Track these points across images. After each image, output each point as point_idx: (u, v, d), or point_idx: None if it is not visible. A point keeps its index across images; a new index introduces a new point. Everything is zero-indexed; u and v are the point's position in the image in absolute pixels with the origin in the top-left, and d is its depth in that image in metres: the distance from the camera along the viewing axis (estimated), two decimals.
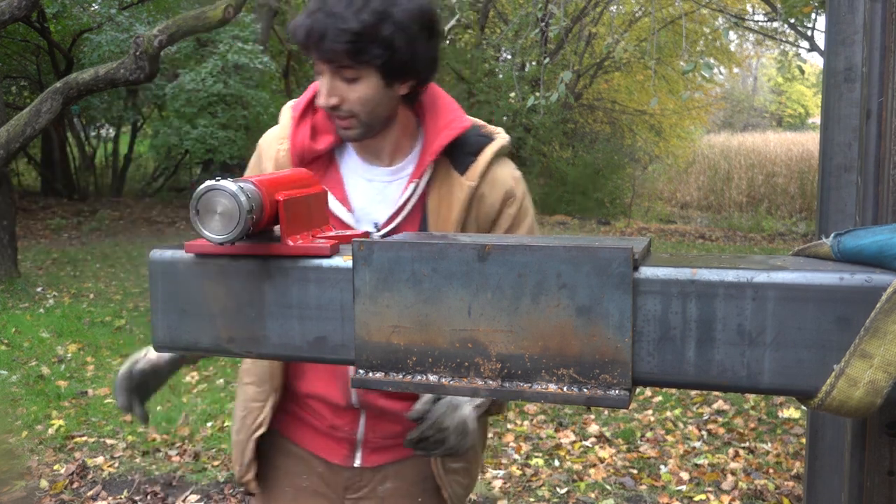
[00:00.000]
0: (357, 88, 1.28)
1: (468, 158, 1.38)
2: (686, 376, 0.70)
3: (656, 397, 4.79)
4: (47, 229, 11.69)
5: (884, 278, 0.65)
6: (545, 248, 0.71)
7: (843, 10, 0.91)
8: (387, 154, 1.39)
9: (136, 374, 1.50)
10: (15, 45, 13.96)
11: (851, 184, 0.94)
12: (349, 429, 1.47)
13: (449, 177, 1.37)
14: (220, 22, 7.71)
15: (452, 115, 1.39)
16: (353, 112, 1.30)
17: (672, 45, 13.14)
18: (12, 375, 5.01)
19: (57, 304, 7.02)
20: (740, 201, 17.07)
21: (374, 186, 1.39)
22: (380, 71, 1.28)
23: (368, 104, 1.29)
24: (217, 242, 0.81)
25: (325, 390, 1.45)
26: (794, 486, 3.55)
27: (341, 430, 1.48)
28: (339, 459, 1.50)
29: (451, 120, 1.38)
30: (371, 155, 1.40)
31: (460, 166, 1.37)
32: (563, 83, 5.51)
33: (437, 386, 0.75)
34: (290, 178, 0.93)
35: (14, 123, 7.12)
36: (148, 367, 1.51)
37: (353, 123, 1.31)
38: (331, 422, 1.48)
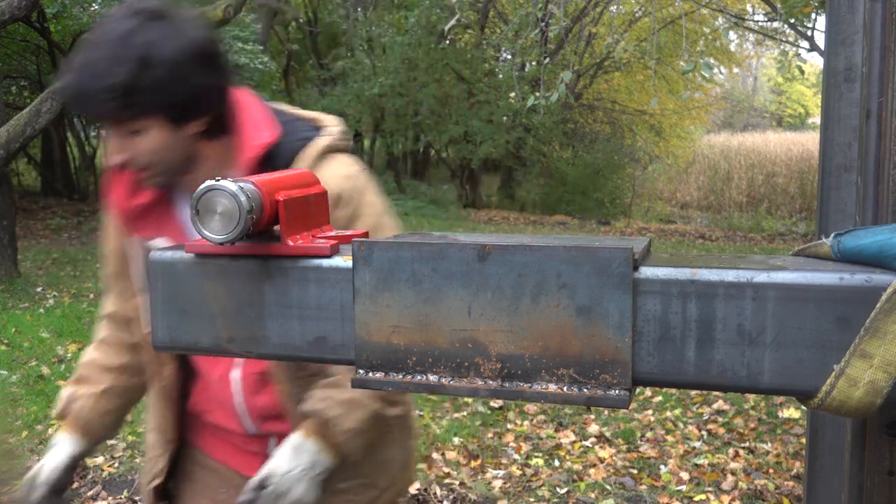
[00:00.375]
0: (143, 140, 1.23)
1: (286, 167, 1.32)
2: (686, 376, 0.70)
3: (656, 397, 4.79)
4: (47, 229, 11.69)
5: (884, 278, 0.65)
6: (545, 248, 0.71)
7: (843, 10, 0.91)
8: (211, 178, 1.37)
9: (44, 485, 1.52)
10: (15, 45, 13.96)
11: (851, 184, 0.94)
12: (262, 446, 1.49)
13: None
14: (220, 22, 7.71)
15: (253, 133, 1.31)
16: (146, 164, 1.26)
17: (672, 45, 13.14)
18: (12, 375, 5.01)
19: (57, 303, 7.03)
20: (740, 201, 17.08)
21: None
22: (162, 117, 1.22)
23: (158, 153, 1.25)
24: (217, 242, 0.81)
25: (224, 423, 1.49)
26: (794, 486, 3.55)
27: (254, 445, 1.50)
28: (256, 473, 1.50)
29: (250, 138, 1.30)
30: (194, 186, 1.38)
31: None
32: (563, 83, 5.51)
33: (437, 386, 0.75)
34: (290, 179, 0.93)
35: (14, 123, 7.12)
36: (53, 475, 1.52)
37: (150, 173, 1.28)
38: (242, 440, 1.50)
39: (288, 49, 16.70)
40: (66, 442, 1.50)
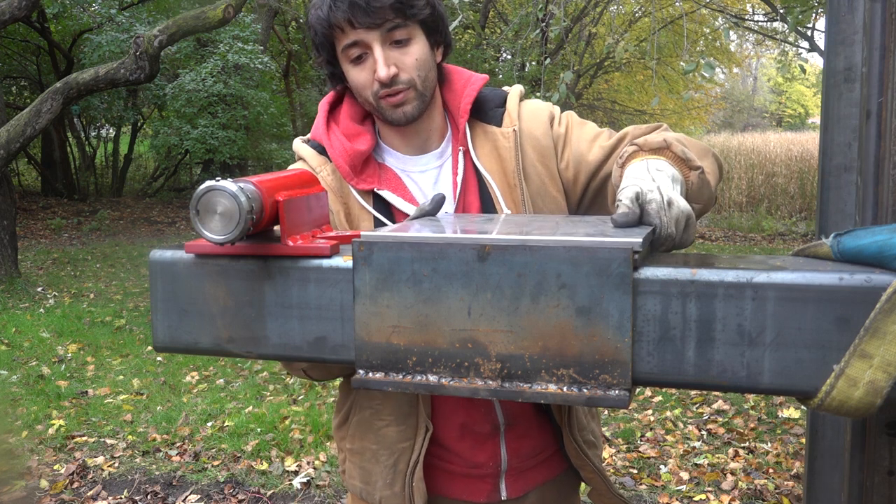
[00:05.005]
0: (410, 51, 1.23)
1: (497, 111, 1.34)
2: (686, 376, 0.70)
3: (656, 397, 4.79)
4: (47, 229, 11.70)
5: (883, 278, 0.65)
6: (545, 248, 0.71)
7: (843, 11, 0.91)
8: (432, 138, 1.35)
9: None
10: (15, 45, 13.97)
11: (851, 184, 0.94)
12: (492, 462, 1.36)
13: (488, 133, 1.33)
14: (220, 22, 7.71)
15: (465, 75, 1.36)
16: (411, 80, 1.24)
17: (672, 45, 13.14)
18: (12, 375, 5.01)
19: (57, 303, 7.03)
20: (740, 201, 17.07)
21: (429, 175, 1.34)
22: (424, 28, 1.25)
23: (423, 66, 1.25)
24: (217, 243, 0.81)
25: (469, 418, 1.33)
26: (794, 486, 3.55)
27: (484, 466, 1.36)
28: (484, 497, 1.38)
29: (467, 79, 1.35)
30: (413, 147, 1.34)
31: (494, 120, 1.34)
32: (563, 83, 5.51)
33: (437, 386, 0.75)
34: (290, 179, 0.93)
35: (14, 123, 7.12)
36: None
37: (409, 96, 1.25)
38: (471, 461, 1.35)
39: (288, 49, 16.69)
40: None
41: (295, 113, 15.90)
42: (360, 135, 1.33)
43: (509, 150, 1.30)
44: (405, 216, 1.28)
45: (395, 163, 1.35)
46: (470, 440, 1.34)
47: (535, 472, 1.41)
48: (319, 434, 4.03)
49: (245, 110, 12.33)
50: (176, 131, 12.20)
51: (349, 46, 1.22)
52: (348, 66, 1.25)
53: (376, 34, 1.21)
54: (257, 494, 3.46)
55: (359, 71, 1.24)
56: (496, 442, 1.35)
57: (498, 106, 1.34)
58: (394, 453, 1.32)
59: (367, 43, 1.21)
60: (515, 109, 1.33)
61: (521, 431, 1.37)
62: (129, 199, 14.93)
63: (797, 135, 22.80)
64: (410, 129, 1.32)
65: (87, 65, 10.79)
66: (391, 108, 1.25)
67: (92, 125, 16.01)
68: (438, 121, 1.34)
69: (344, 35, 1.22)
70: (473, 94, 1.33)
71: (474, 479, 1.38)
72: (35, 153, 14.69)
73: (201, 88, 11.44)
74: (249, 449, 3.89)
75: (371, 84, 1.24)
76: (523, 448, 1.38)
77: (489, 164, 1.31)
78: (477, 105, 1.34)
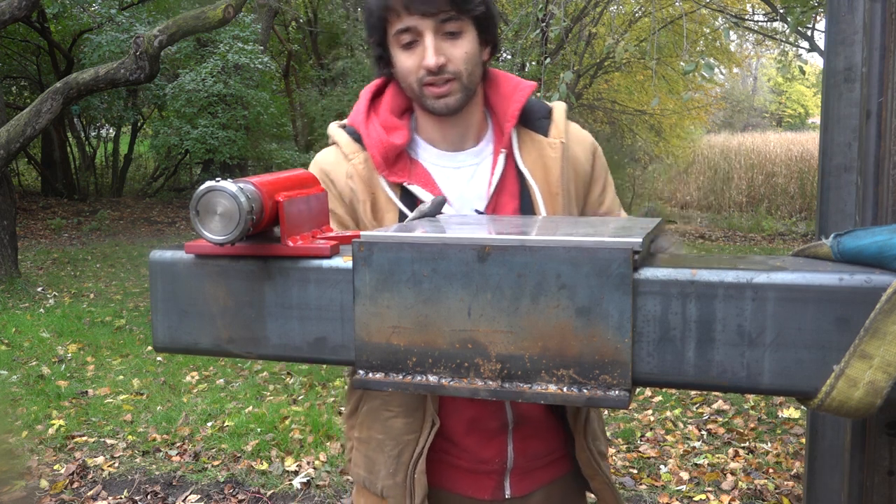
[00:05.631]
0: (460, 44, 1.25)
1: (544, 121, 1.37)
2: (686, 377, 0.70)
3: (656, 397, 4.79)
4: (47, 229, 11.70)
5: (883, 279, 0.65)
6: (545, 248, 0.71)
7: (843, 10, 0.91)
8: (469, 136, 1.36)
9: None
10: (15, 45, 13.97)
11: (851, 184, 0.94)
12: (498, 459, 1.36)
13: (535, 141, 1.35)
14: (220, 22, 7.71)
15: (514, 81, 1.38)
16: (457, 72, 1.26)
17: (672, 45, 13.13)
18: (12, 375, 5.01)
19: (57, 303, 7.03)
20: (740, 201, 17.07)
21: (463, 173, 1.35)
22: (476, 25, 1.27)
23: (471, 61, 1.27)
24: (217, 243, 0.81)
25: (478, 413, 1.33)
26: (794, 486, 3.55)
27: (490, 462, 1.36)
28: (488, 494, 1.38)
29: (515, 85, 1.37)
30: (450, 143, 1.36)
31: (540, 129, 1.36)
32: (563, 83, 5.50)
33: (437, 386, 0.75)
34: (290, 179, 0.93)
35: (14, 123, 7.12)
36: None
37: (453, 88, 1.27)
38: (478, 456, 1.36)
39: (288, 49, 16.70)
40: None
41: (295, 113, 15.91)
42: (397, 128, 1.35)
43: (556, 160, 1.33)
44: None
45: (429, 158, 1.36)
46: (477, 436, 1.35)
47: (541, 472, 1.41)
48: (319, 434, 4.03)
49: (245, 110, 12.34)
50: (176, 131, 12.20)
51: (402, 31, 1.24)
52: (398, 50, 1.27)
53: (430, 22, 1.23)
54: (257, 494, 3.46)
55: (407, 56, 1.26)
56: (503, 440, 1.36)
57: (544, 117, 1.37)
58: (399, 444, 1.33)
59: (420, 30, 1.24)
60: (563, 124, 1.37)
61: (530, 432, 1.37)
62: (129, 199, 14.93)
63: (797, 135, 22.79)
64: (449, 123, 1.34)
65: (87, 65, 10.79)
66: (434, 98, 1.27)
67: (92, 125, 16.01)
68: (478, 119, 1.36)
69: (398, 19, 1.24)
70: (523, 99, 1.35)
71: (480, 476, 1.38)
72: (35, 153, 14.70)
73: (201, 88, 11.44)
74: (249, 449, 3.89)
75: (417, 71, 1.26)
76: (531, 448, 1.38)
77: (533, 171, 1.33)
78: (524, 112, 1.36)
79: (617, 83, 17.14)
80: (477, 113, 1.36)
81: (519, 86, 1.37)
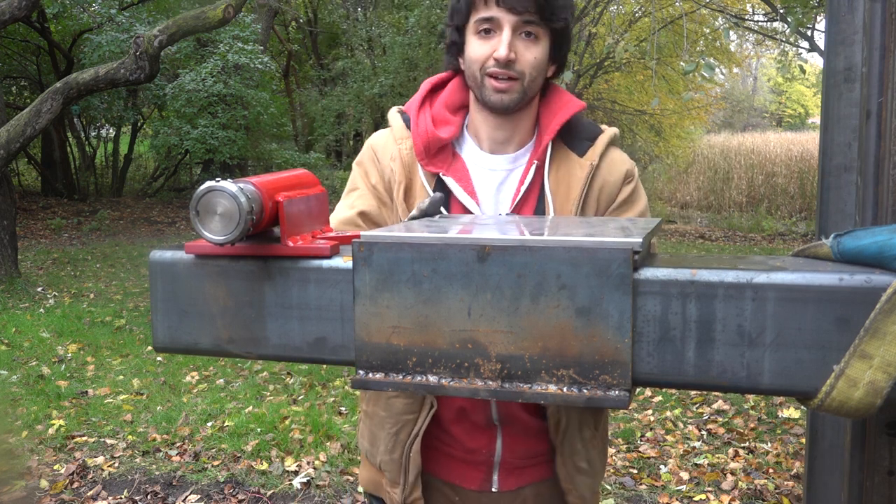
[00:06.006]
0: (533, 49, 1.29)
1: (585, 143, 1.39)
2: (686, 377, 0.70)
3: (656, 397, 4.79)
4: (47, 229, 11.70)
5: (883, 279, 0.65)
6: (545, 248, 0.71)
7: (843, 10, 0.91)
8: (512, 142, 1.38)
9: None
10: (15, 45, 13.97)
11: (851, 184, 0.93)
12: (486, 451, 1.39)
13: (568, 159, 1.37)
14: (220, 22, 7.71)
15: (566, 98, 1.41)
16: (522, 73, 1.29)
17: (672, 45, 13.13)
18: (12, 375, 5.01)
19: (57, 303, 7.03)
20: (740, 201, 17.07)
21: (497, 176, 1.38)
22: (552, 38, 1.31)
23: (537, 68, 1.30)
24: (217, 243, 0.81)
25: (468, 404, 1.37)
26: (794, 486, 3.55)
27: (478, 452, 1.40)
28: (476, 485, 1.42)
29: (566, 102, 1.39)
30: (496, 143, 1.39)
31: (578, 149, 1.38)
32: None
33: (437, 387, 0.75)
34: (290, 180, 0.93)
35: (14, 123, 7.12)
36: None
37: (513, 86, 1.30)
38: (467, 446, 1.40)
39: (288, 49, 16.70)
40: None
41: (295, 113, 15.91)
42: (446, 122, 1.39)
43: (580, 180, 1.35)
44: (461, 206, 1.34)
45: (470, 155, 1.39)
46: (467, 425, 1.39)
47: (531, 471, 1.43)
48: (319, 434, 4.03)
49: (245, 110, 12.33)
50: (176, 131, 12.20)
51: (484, 20, 1.28)
52: (473, 37, 1.31)
53: (513, 18, 1.27)
54: (257, 494, 3.46)
55: (481, 43, 1.30)
56: (493, 433, 1.39)
57: (588, 139, 1.40)
58: (398, 423, 1.39)
59: (501, 23, 1.27)
60: (602, 148, 1.39)
61: (518, 430, 1.39)
62: (129, 199, 14.93)
63: (797, 135, 22.80)
64: (498, 122, 1.37)
65: (87, 65, 10.79)
66: (493, 91, 1.31)
67: (92, 125, 16.01)
68: (526, 127, 1.39)
69: (485, 8, 1.28)
70: (566, 116, 1.37)
71: (469, 466, 1.41)
72: (35, 153, 14.70)
73: (201, 88, 11.44)
74: (249, 449, 3.89)
75: (486, 60, 1.29)
76: (519, 446, 1.40)
77: (557, 187, 1.35)
78: (570, 130, 1.39)
79: (617, 83, 17.14)
80: (527, 121, 1.38)
81: (568, 103, 1.39)
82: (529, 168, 1.36)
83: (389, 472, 1.41)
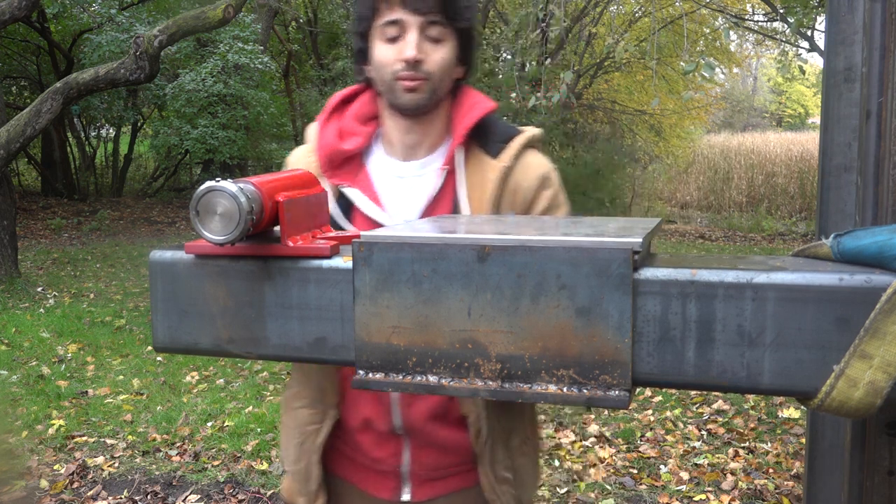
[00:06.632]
0: (440, 50, 1.29)
1: (499, 145, 1.37)
2: (686, 377, 0.70)
3: (656, 397, 4.79)
4: (47, 229, 11.70)
5: (883, 279, 0.65)
6: (545, 248, 0.71)
7: (843, 10, 0.91)
8: (423, 146, 1.37)
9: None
10: (15, 45, 13.97)
11: (851, 184, 0.93)
12: (393, 461, 1.39)
13: (481, 162, 1.35)
14: (220, 22, 7.71)
15: (476, 98, 1.39)
16: (430, 73, 1.29)
17: (672, 45, 13.13)
18: (12, 375, 5.01)
19: (57, 303, 7.03)
20: (740, 201, 17.08)
21: (406, 182, 1.37)
22: (458, 38, 1.31)
23: (444, 69, 1.30)
24: (217, 243, 0.81)
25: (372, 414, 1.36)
26: (794, 486, 3.55)
27: (384, 462, 1.39)
28: (387, 494, 1.41)
29: (475, 103, 1.38)
30: (408, 148, 1.37)
31: (492, 151, 1.36)
32: (563, 83, 5.51)
33: (437, 387, 0.75)
34: (290, 180, 0.93)
35: (14, 123, 7.12)
36: None
37: (423, 86, 1.29)
38: (372, 455, 1.40)
39: (288, 49, 16.69)
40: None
41: (295, 113, 15.90)
42: (354, 134, 1.38)
43: (492, 182, 1.33)
44: (365, 217, 1.32)
45: (379, 165, 1.38)
46: (372, 435, 1.39)
47: (448, 481, 1.41)
48: None
49: (245, 110, 12.33)
50: (176, 131, 12.20)
51: (389, 24, 1.28)
52: (380, 42, 1.30)
53: (418, 20, 1.27)
54: (257, 494, 3.46)
55: (388, 48, 1.29)
56: (398, 444, 1.38)
57: (502, 140, 1.38)
58: (302, 434, 1.41)
59: (406, 25, 1.27)
60: (516, 150, 1.37)
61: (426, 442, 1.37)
62: (129, 199, 14.93)
63: (797, 135, 22.80)
64: (409, 124, 1.35)
65: (87, 65, 10.79)
66: (403, 91, 1.30)
67: (92, 125, 16.01)
68: (437, 130, 1.38)
69: (389, 10, 1.27)
70: (475, 118, 1.36)
71: (378, 475, 1.41)
72: (35, 153, 14.69)
73: (201, 88, 11.43)
74: (249, 449, 3.89)
75: (394, 63, 1.29)
76: (429, 458, 1.38)
77: (471, 191, 1.34)
78: (483, 133, 1.37)
79: (617, 83, 17.14)
80: (438, 124, 1.37)
81: (476, 105, 1.38)
82: (440, 173, 1.35)
83: (296, 481, 1.43)
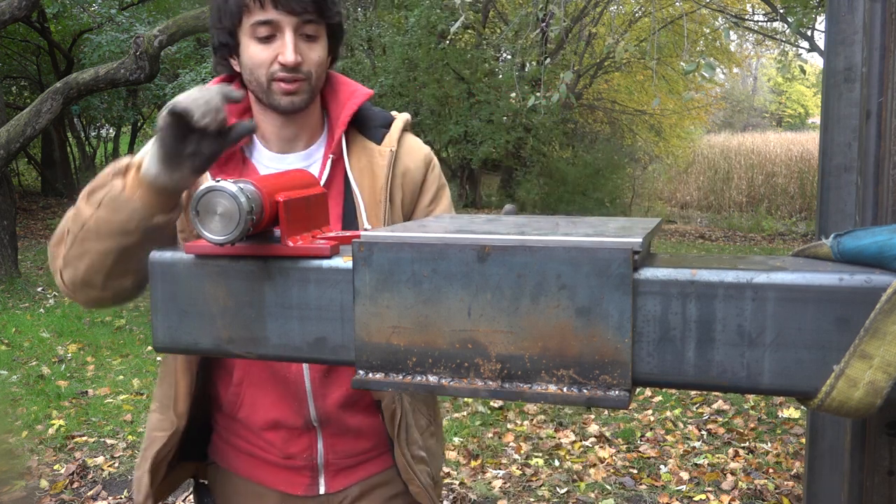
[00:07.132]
0: (316, 48, 1.29)
1: (380, 130, 1.39)
2: (686, 377, 0.70)
3: (656, 397, 4.79)
4: (47, 229, 11.70)
5: (883, 279, 0.65)
6: (545, 248, 0.71)
7: (843, 10, 0.91)
8: (301, 138, 1.36)
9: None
10: (15, 45, 13.97)
11: (851, 184, 0.93)
12: (307, 454, 1.38)
13: (366, 148, 1.37)
14: None
15: (352, 87, 1.39)
16: (309, 73, 1.28)
17: (672, 45, 13.14)
18: (12, 375, 5.01)
19: (57, 303, 7.03)
20: (740, 201, 17.09)
21: None
22: (330, 33, 1.31)
23: (321, 66, 1.30)
24: (217, 243, 0.81)
25: (280, 415, 1.35)
26: (794, 486, 3.55)
27: (298, 457, 1.38)
28: (302, 490, 1.40)
29: (352, 91, 1.38)
30: (284, 143, 1.36)
31: (374, 137, 1.38)
32: (563, 83, 5.51)
33: (437, 387, 0.75)
34: (290, 179, 0.93)
35: (14, 123, 7.12)
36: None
37: (302, 87, 1.28)
38: (284, 451, 1.38)
39: None
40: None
41: None
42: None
43: (383, 167, 1.35)
44: None
45: (260, 158, 1.37)
46: (284, 433, 1.37)
47: (359, 469, 1.42)
48: None
49: None
50: None
51: (261, 24, 1.24)
52: (250, 41, 1.27)
53: (293, 20, 1.25)
54: None
55: (261, 49, 1.26)
56: (312, 436, 1.37)
57: (382, 126, 1.40)
58: (150, 438, 1.38)
59: (281, 26, 1.25)
60: (397, 134, 1.39)
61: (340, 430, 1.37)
62: None
63: (797, 135, 22.81)
64: (286, 122, 1.34)
65: (87, 65, 10.79)
66: (282, 94, 1.28)
67: (92, 125, 16.01)
68: (314, 122, 1.37)
69: (261, 11, 1.24)
70: (355, 106, 1.36)
71: (291, 472, 1.40)
72: (35, 153, 14.69)
73: None
74: None
75: (271, 65, 1.26)
76: (343, 446, 1.39)
77: (360, 178, 1.35)
78: (361, 119, 1.38)
79: (617, 83, 17.16)
80: (314, 115, 1.37)
81: (355, 92, 1.38)
82: (326, 162, 1.35)
83: (137, 489, 1.39)
